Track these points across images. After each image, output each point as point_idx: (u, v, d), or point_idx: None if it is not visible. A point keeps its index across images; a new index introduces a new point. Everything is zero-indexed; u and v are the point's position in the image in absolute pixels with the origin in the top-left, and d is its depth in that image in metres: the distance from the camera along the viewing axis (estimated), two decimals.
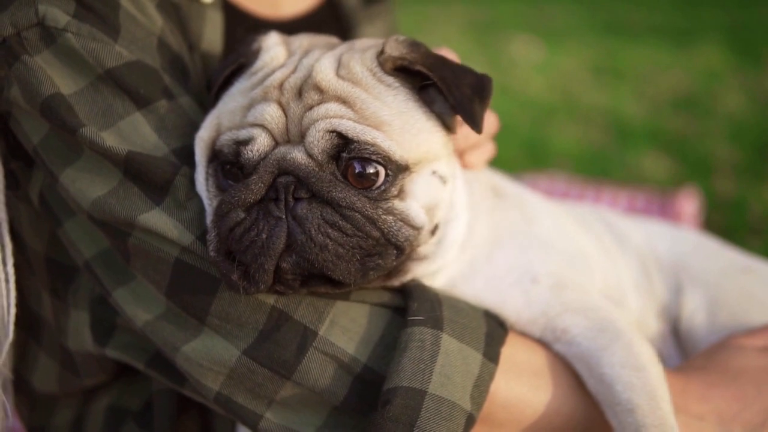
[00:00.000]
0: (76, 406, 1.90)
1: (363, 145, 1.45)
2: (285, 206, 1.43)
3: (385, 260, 1.48)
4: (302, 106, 1.49)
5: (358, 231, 1.44)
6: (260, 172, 1.46)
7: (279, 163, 1.46)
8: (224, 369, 1.52)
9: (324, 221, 1.43)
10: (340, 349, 1.51)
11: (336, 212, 1.44)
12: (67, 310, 1.79)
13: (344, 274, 1.43)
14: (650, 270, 1.99)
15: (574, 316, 1.64)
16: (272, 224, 1.43)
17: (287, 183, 1.44)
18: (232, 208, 1.45)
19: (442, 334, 1.51)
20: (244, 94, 1.56)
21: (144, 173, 1.53)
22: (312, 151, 1.46)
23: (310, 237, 1.42)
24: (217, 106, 1.60)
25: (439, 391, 1.46)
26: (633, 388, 1.53)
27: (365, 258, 1.46)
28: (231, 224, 1.45)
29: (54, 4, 1.56)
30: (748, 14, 8.30)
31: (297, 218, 1.42)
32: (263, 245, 1.42)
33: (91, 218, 1.56)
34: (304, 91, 1.51)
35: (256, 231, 1.43)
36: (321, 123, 1.46)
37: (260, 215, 1.44)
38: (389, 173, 1.47)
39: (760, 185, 4.66)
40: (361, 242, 1.45)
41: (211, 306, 1.52)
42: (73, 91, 1.54)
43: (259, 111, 1.50)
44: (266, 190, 1.45)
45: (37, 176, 1.69)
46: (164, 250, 1.52)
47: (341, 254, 1.43)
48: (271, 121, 1.49)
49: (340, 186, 1.45)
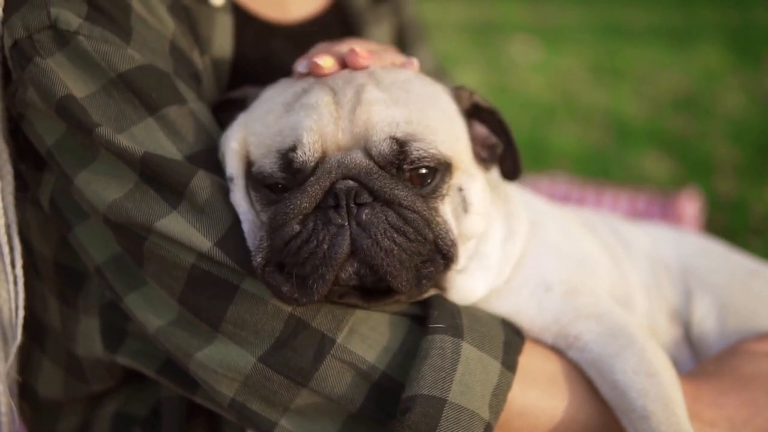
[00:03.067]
0: (81, 412, 1.89)
1: (421, 153, 1.47)
2: (347, 213, 1.42)
3: (436, 268, 1.49)
4: (354, 102, 1.50)
5: (419, 235, 1.45)
6: (318, 174, 1.44)
7: (340, 165, 1.44)
8: (239, 376, 1.51)
9: (389, 225, 1.42)
10: (358, 357, 1.50)
11: (398, 216, 1.44)
12: (77, 316, 1.78)
13: (402, 282, 1.43)
14: (659, 274, 1.99)
15: (586, 323, 1.64)
16: (333, 233, 1.41)
17: (349, 188, 1.42)
18: (287, 220, 1.43)
19: (463, 342, 1.50)
20: (274, 100, 1.56)
21: (160, 175, 1.51)
22: (374, 155, 1.46)
23: (376, 242, 1.41)
24: (238, 120, 1.60)
25: (458, 400, 1.45)
26: (647, 394, 1.53)
27: (420, 265, 1.46)
28: (287, 237, 1.43)
29: (66, 7, 1.55)
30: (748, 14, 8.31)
31: (362, 224, 1.41)
32: (325, 255, 1.40)
33: (107, 221, 1.54)
34: (356, 95, 1.52)
35: (316, 242, 1.41)
36: (382, 129, 1.47)
37: (319, 225, 1.42)
38: (439, 173, 1.51)
39: (761, 185, 4.66)
40: (420, 247, 1.45)
41: (226, 313, 1.50)
42: (85, 95, 1.53)
43: (307, 98, 1.51)
44: (323, 195, 1.43)
45: (48, 180, 1.68)
46: (180, 256, 1.51)
47: (403, 260, 1.43)
48: (322, 106, 1.49)
49: (401, 185, 1.46)
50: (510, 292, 1.67)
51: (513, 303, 1.66)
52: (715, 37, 7.50)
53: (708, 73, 6.66)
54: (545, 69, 6.96)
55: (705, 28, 7.83)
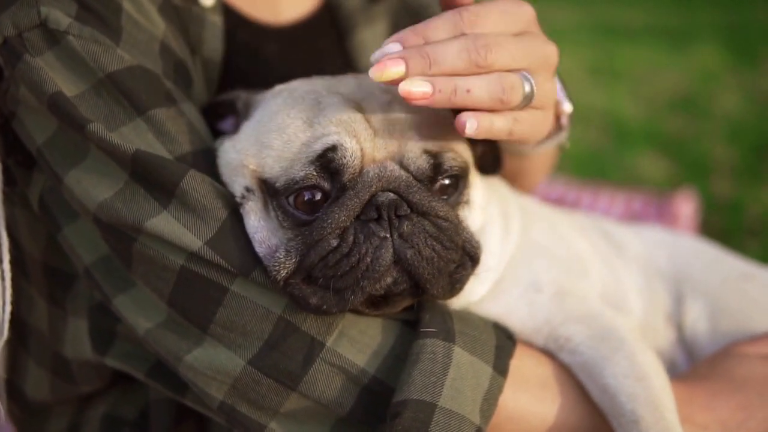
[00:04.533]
0: (70, 414, 1.88)
1: (451, 162, 1.49)
2: (389, 225, 1.42)
3: (466, 272, 1.51)
4: (382, 102, 1.50)
5: (452, 242, 1.46)
6: (357, 188, 1.43)
7: (380, 178, 1.44)
8: (228, 379, 1.50)
9: (428, 235, 1.44)
10: (348, 361, 1.49)
11: (434, 225, 1.45)
12: (65, 317, 1.77)
13: (439, 288, 1.45)
14: (652, 277, 1.98)
15: (576, 325, 1.63)
16: (376, 245, 1.40)
17: (391, 201, 1.42)
18: (324, 235, 1.42)
19: (454, 347, 1.49)
20: (288, 111, 1.53)
21: (151, 174, 1.50)
22: (410, 168, 1.47)
23: (419, 251, 1.41)
24: (244, 132, 1.57)
25: (449, 405, 1.44)
26: (636, 398, 1.52)
27: (453, 270, 1.48)
28: (324, 253, 1.41)
29: (56, 6, 1.54)
30: (745, 14, 8.32)
31: (404, 235, 1.41)
32: (368, 268, 1.39)
33: (97, 221, 1.53)
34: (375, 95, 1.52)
35: (358, 255, 1.40)
36: (415, 144, 1.47)
37: (360, 238, 1.41)
38: (462, 181, 1.54)
39: (758, 186, 4.66)
40: (453, 254, 1.46)
41: (215, 315, 1.49)
42: (74, 94, 1.52)
43: (333, 113, 1.48)
44: (361, 209, 1.43)
45: (37, 179, 1.67)
46: (169, 257, 1.50)
47: (441, 267, 1.44)
48: (353, 122, 1.47)
49: (435, 196, 1.48)
50: (501, 292, 1.66)
51: (504, 304, 1.66)
52: (713, 37, 7.51)
53: (705, 73, 6.67)
54: None
55: (702, 29, 7.84)
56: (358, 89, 1.55)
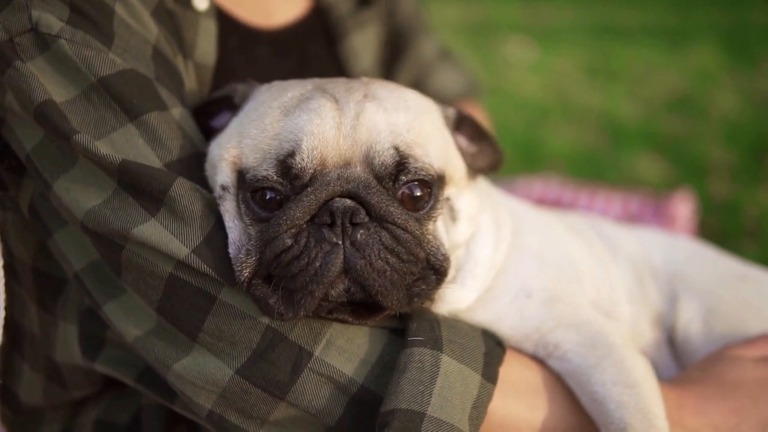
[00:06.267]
0: (63, 419, 1.88)
1: (419, 165, 1.47)
2: (342, 232, 1.41)
3: (428, 285, 1.48)
4: (354, 110, 1.49)
5: (411, 255, 1.44)
6: (315, 186, 1.43)
7: (339, 177, 1.43)
8: (217, 388, 1.50)
9: (383, 246, 1.42)
10: (336, 370, 1.49)
11: (392, 236, 1.43)
12: (55, 322, 1.77)
13: (393, 301, 1.43)
14: (644, 278, 1.97)
15: (565, 331, 1.62)
16: (326, 250, 1.40)
17: (346, 207, 1.41)
18: (280, 232, 1.42)
19: (442, 355, 1.49)
20: (270, 104, 1.54)
21: (138, 183, 1.50)
22: (374, 163, 1.46)
23: (370, 263, 1.40)
24: (229, 128, 1.58)
25: (437, 414, 1.44)
26: (625, 406, 1.51)
27: (412, 283, 1.46)
28: (278, 250, 1.41)
29: (48, 10, 1.53)
30: (742, 15, 8.32)
31: (356, 244, 1.40)
32: (316, 273, 1.39)
33: (85, 229, 1.53)
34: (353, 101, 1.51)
35: (308, 259, 1.40)
36: (387, 136, 1.46)
37: (311, 242, 1.41)
38: (434, 194, 1.50)
39: (755, 187, 4.65)
40: (412, 267, 1.44)
41: (204, 323, 1.49)
42: (65, 100, 1.52)
43: (307, 104, 1.49)
44: (318, 209, 1.42)
45: (27, 185, 1.67)
46: (158, 265, 1.50)
47: (395, 280, 1.42)
48: (324, 112, 1.47)
49: (396, 204, 1.46)
50: (492, 299, 1.66)
51: (494, 310, 1.65)
52: (710, 37, 7.50)
53: (702, 74, 6.66)
54: (539, 70, 6.96)
55: (699, 29, 7.83)
56: (343, 86, 1.55)
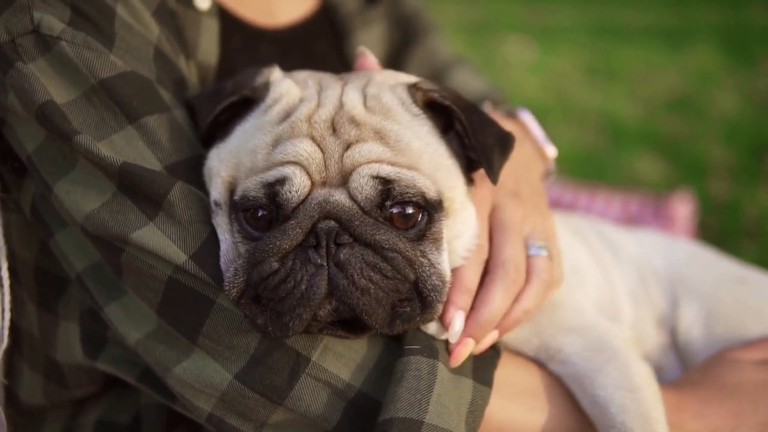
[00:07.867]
0: (64, 419, 1.88)
1: (404, 189, 1.45)
2: (327, 253, 1.40)
3: (412, 309, 1.45)
4: (340, 142, 1.46)
5: (398, 273, 1.43)
6: (299, 216, 1.42)
7: (321, 206, 1.42)
8: (216, 392, 1.50)
9: (365, 264, 1.41)
10: (333, 375, 1.49)
11: (377, 254, 1.42)
12: (57, 321, 1.77)
13: (378, 319, 1.42)
14: (647, 279, 1.98)
15: (568, 336, 1.62)
16: (311, 272, 1.40)
17: (330, 229, 1.41)
18: (266, 257, 1.41)
19: (438, 363, 1.49)
20: (265, 131, 1.51)
21: (138, 186, 1.50)
22: (357, 197, 1.44)
23: (352, 281, 1.39)
24: (230, 142, 1.56)
25: (435, 421, 1.44)
26: (627, 410, 1.51)
27: (397, 303, 1.44)
28: (264, 274, 1.41)
29: (49, 12, 1.53)
30: (742, 15, 8.32)
31: (339, 264, 1.40)
32: (303, 296, 1.39)
33: (85, 232, 1.53)
34: (338, 126, 1.48)
35: (294, 282, 1.40)
36: (365, 168, 1.44)
37: (297, 264, 1.41)
38: (426, 214, 1.48)
39: (755, 188, 4.65)
40: (399, 285, 1.43)
41: (203, 326, 1.49)
42: (66, 101, 1.52)
43: (292, 147, 1.46)
44: (304, 236, 1.42)
45: (29, 185, 1.67)
46: (157, 268, 1.50)
47: (380, 298, 1.41)
48: (308, 157, 1.45)
49: (383, 228, 1.44)
50: None
51: None
52: (710, 38, 7.50)
53: (702, 74, 6.66)
54: (539, 70, 6.96)
55: (699, 29, 7.84)
56: (332, 102, 1.52)
